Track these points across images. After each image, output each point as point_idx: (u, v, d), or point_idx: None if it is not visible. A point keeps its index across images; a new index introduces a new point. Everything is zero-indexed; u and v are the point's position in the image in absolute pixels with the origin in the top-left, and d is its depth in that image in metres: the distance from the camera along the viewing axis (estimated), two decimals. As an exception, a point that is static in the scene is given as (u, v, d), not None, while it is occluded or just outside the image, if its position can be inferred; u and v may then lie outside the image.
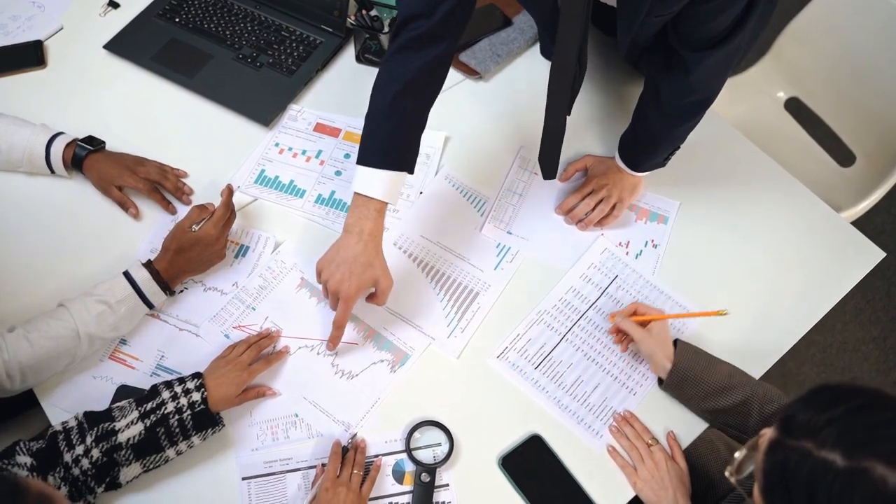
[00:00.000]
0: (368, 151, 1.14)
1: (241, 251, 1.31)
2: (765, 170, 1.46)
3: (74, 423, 1.02)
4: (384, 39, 1.47)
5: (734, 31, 1.07)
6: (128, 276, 1.16)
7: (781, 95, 1.86)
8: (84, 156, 1.32)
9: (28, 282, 1.27)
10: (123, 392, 1.16)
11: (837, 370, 2.16)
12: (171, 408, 1.05)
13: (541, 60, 1.55)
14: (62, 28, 1.56)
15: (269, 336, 1.21)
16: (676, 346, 1.18)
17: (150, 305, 1.18)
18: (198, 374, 1.10)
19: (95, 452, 1.00)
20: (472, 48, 1.54)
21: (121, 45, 1.54)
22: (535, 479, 1.14)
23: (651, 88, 1.26)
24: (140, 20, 1.57)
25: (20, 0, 1.59)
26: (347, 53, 1.56)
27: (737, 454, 0.80)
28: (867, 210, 1.60)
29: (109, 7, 1.60)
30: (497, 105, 1.50)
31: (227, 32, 1.55)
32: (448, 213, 1.37)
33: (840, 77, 1.73)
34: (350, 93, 1.51)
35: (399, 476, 1.14)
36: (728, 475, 0.81)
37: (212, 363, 1.14)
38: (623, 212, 1.37)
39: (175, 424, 1.04)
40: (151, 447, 1.03)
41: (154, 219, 1.34)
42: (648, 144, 1.31)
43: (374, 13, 1.44)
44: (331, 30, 1.55)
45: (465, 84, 1.53)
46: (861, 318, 2.22)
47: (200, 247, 1.19)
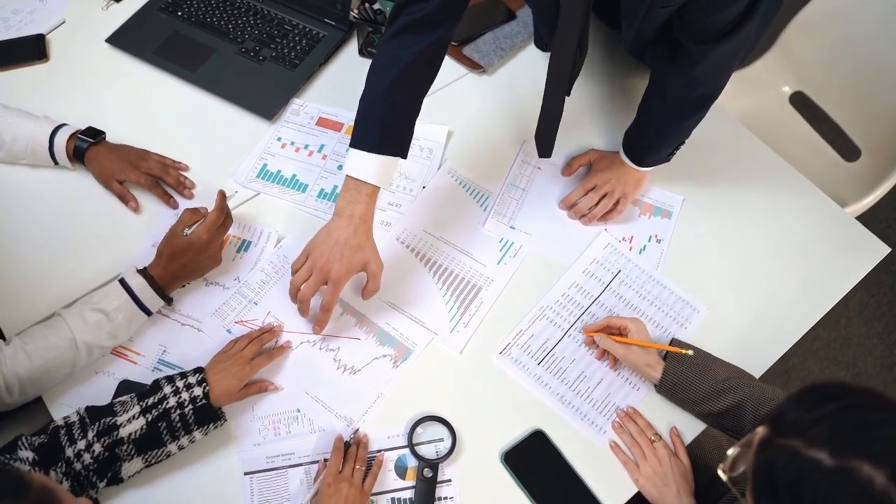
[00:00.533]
0: (362, 135, 1.12)
1: (244, 246, 1.31)
2: (769, 164, 1.46)
3: (76, 418, 1.02)
4: (387, 33, 1.46)
5: (740, 24, 1.06)
6: (123, 284, 1.15)
7: (786, 90, 1.85)
8: (85, 148, 1.31)
9: (32, 274, 1.27)
10: (125, 387, 1.16)
11: (841, 365, 2.16)
12: (173, 402, 1.05)
13: (544, 54, 1.54)
14: (64, 22, 1.56)
15: (271, 331, 1.21)
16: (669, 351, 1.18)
17: (148, 312, 1.17)
18: (199, 369, 1.10)
19: (97, 447, 1.00)
20: (476, 42, 1.53)
21: (123, 39, 1.53)
22: (538, 475, 1.14)
23: (656, 82, 1.26)
24: (142, 14, 1.57)
25: (22, -6, 1.59)
26: (350, 47, 1.55)
27: (730, 451, 0.79)
28: (872, 205, 1.60)
29: (111, 1, 1.59)
30: (500, 99, 1.50)
31: (230, 26, 1.54)
32: (451, 208, 1.37)
33: (845, 71, 1.72)
34: (353, 87, 1.49)
35: (401, 471, 1.13)
36: (721, 473, 0.81)
37: (213, 358, 1.14)
38: (627, 207, 1.36)
39: (177, 419, 1.04)
40: (153, 442, 1.03)
41: (157, 212, 1.34)
42: (653, 139, 1.31)
43: (377, 6, 1.44)
44: (334, 23, 1.55)
45: (469, 78, 1.52)
46: (865, 314, 2.22)
47: (192, 252, 1.17)
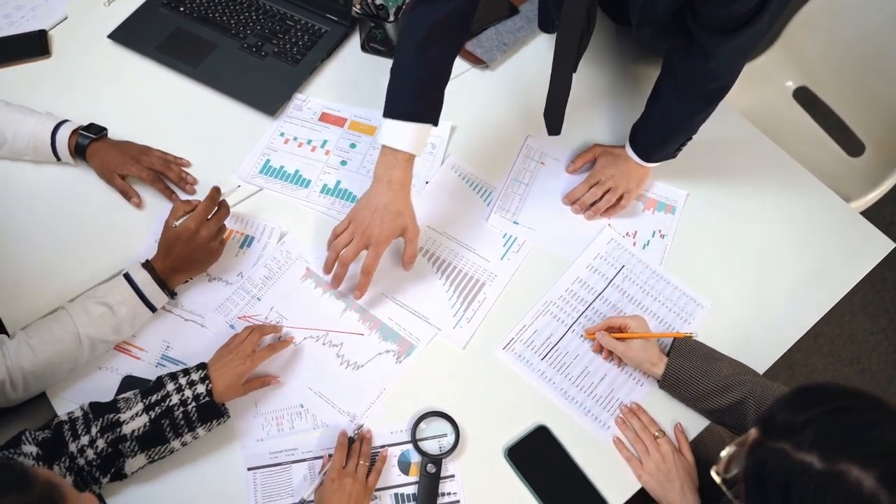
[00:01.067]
0: (394, 104, 1.15)
1: (246, 241, 1.31)
2: (773, 159, 1.45)
3: (80, 414, 1.02)
4: (390, 28, 1.46)
5: (756, 15, 1.05)
6: (127, 278, 1.15)
7: (790, 85, 1.85)
8: (87, 144, 1.31)
9: (35, 270, 1.27)
10: (129, 383, 1.16)
11: (845, 362, 2.15)
12: (176, 400, 1.04)
13: (547, 49, 1.53)
14: (66, 18, 1.56)
15: (273, 327, 1.21)
16: (673, 345, 1.18)
17: (152, 308, 1.17)
18: (202, 365, 1.10)
19: (101, 443, 1.00)
20: (479, 37, 1.52)
21: (125, 35, 1.53)
22: (542, 471, 1.13)
23: (669, 75, 1.25)
24: (144, 9, 1.56)
25: (24, -11, 1.58)
26: (353, 42, 1.55)
27: (723, 453, 0.79)
28: (876, 200, 1.59)
29: (114, -4, 1.59)
30: (503, 94, 1.49)
31: (232, 22, 1.54)
32: (454, 203, 1.37)
33: (850, 66, 1.72)
34: (355, 82, 1.50)
35: (405, 467, 1.13)
36: (714, 475, 0.80)
37: (216, 353, 1.13)
38: (630, 203, 1.36)
39: (180, 417, 1.04)
40: (156, 439, 1.03)
41: (160, 208, 1.33)
42: (663, 133, 1.30)
43: (380, 2, 1.43)
44: (336, 19, 1.54)
45: (471, 73, 1.52)
46: (869, 309, 2.21)
47: (181, 243, 1.16)
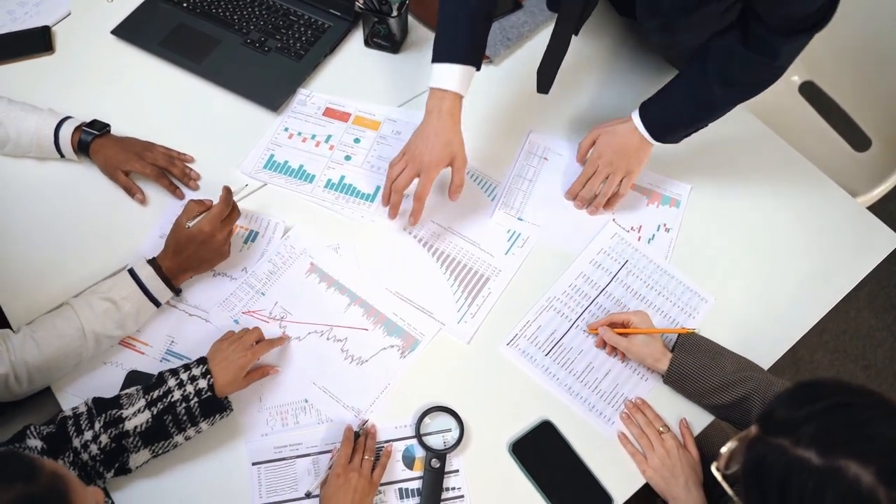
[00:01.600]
0: (441, 50, 1.23)
1: (251, 237, 1.31)
2: (779, 154, 1.44)
3: (84, 409, 1.03)
4: (393, 23, 1.46)
5: (823, 18, 1.06)
6: (132, 273, 1.15)
7: (796, 79, 1.84)
8: (90, 140, 1.31)
9: (40, 266, 1.27)
10: (133, 377, 1.16)
11: (850, 357, 2.14)
12: (178, 396, 1.04)
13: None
14: (70, 14, 1.56)
15: (280, 340, 1.20)
16: (678, 341, 1.18)
17: (157, 303, 1.17)
18: (203, 360, 1.10)
19: (104, 438, 1.00)
20: (482, 32, 1.52)
21: (128, 31, 1.53)
22: (546, 466, 1.13)
23: (711, 61, 1.21)
24: (147, 5, 1.56)
25: (28, -14, 1.59)
26: (356, 38, 1.54)
27: (723, 449, 0.79)
28: (883, 195, 1.59)
29: (117, -8, 1.59)
30: (507, 89, 1.49)
31: (235, 17, 1.54)
32: (459, 199, 1.36)
33: (856, 60, 1.71)
34: (359, 77, 1.50)
35: (409, 462, 1.13)
36: (714, 471, 0.80)
37: (214, 346, 1.13)
38: (631, 184, 1.33)
39: (182, 412, 1.04)
40: (159, 434, 1.03)
41: (164, 204, 1.34)
42: (684, 115, 1.27)
43: (383, -4, 1.43)
44: (339, 14, 1.54)
45: (475, 68, 1.51)
46: (875, 305, 2.20)
47: (195, 244, 1.17)
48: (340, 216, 1.34)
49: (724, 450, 0.79)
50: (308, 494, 1.09)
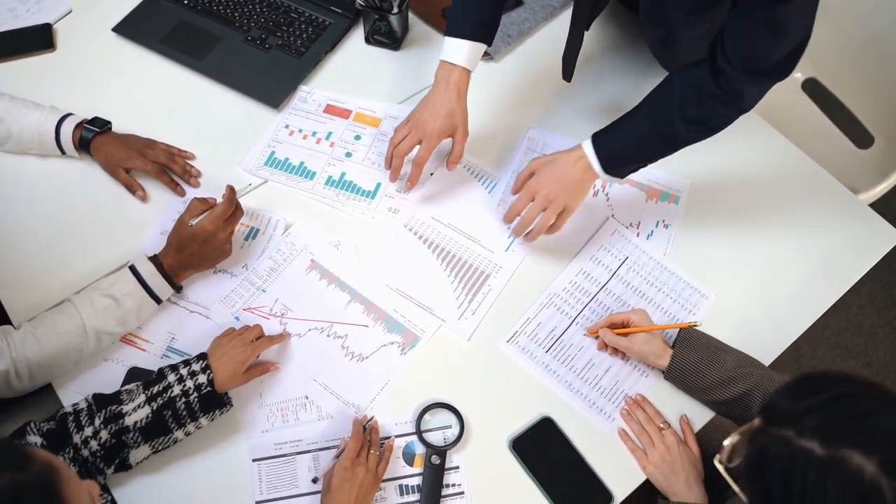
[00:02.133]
0: (455, 24, 1.26)
1: (251, 233, 1.31)
2: (780, 150, 1.44)
3: (84, 406, 1.03)
4: (394, 20, 1.46)
5: (793, 55, 1.05)
6: (133, 270, 1.16)
7: (798, 76, 1.83)
8: (91, 138, 1.31)
9: (41, 263, 1.27)
10: (135, 374, 1.16)
11: (852, 354, 2.14)
12: (178, 391, 1.05)
13: (550, 41, 1.53)
14: (71, 11, 1.56)
15: (281, 336, 1.21)
16: (678, 337, 1.18)
17: (158, 300, 1.18)
18: (203, 355, 1.10)
19: (104, 434, 1.00)
20: (483, 28, 1.52)
21: (129, 28, 1.53)
22: (546, 462, 1.13)
23: (676, 96, 1.15)
24: (149, 3, 1.56)
25: (29, -17, 1.59)
26: (357, 35, 1.54)
27: (726, 441, 0.79)
28: (885, 192, 1.58)
29: (118, -11, 1.59)
30: (507, 86, 1.49)
31: (236, 14, 1.54)
32: (459, 195, 1.37)
33: (859, 57, 1.71)
34: (360, 74, 1.50)
35: (409, 458, 1.13)
36: (717, 463, 0.80)
37: (214, 342, 1.13)
38: (567, 220, 1.25)
39: (182, 407, 1.04)
40: (159, 430, 1.04)
41: (165, 201, 1.34)
42: (640, 149, 1.21)
43: (384, -7, 1.43)
44: (340, 11, 1.54)
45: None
46: (876, 302, 2.20)
47: (197, 242, 1.17)
48: (341, 213, 1.34)
49: (727, 443, 0.79)
50: (315, 480, 1.09)
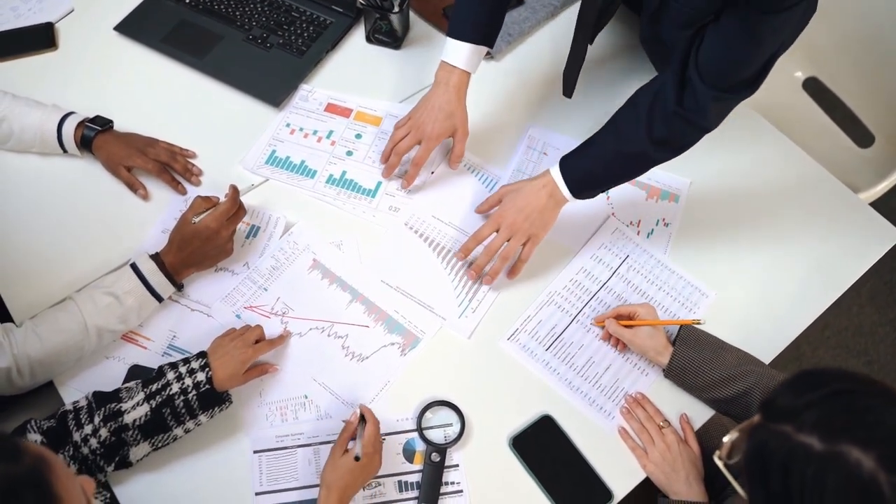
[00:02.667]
0: (456, 26, 1.27)
1: (252, 232, 1.31)
2: (781, 149, 1.44)
3: (84, 403, 1.03)
4: (395, 19, 1.46)
5: (764, 69, 1.07)
6: (134, 268, 1.16)
7: (799, 75, 1.83)
8: (93, 136, 1.32)
9: (43, 261, 1.28)
10: (136, 372, 1.17)
11: (853, 353, 2.14)
12: (177, 389, 1.05)
13: (551, 40, 1.53)
14: (73, 10, 1.56)
15: (281, 339, 1.21)
16: (679, 335, 1.18)
17: (159, 298, 1.18)
18: (202, 354, 1.10)
19: (104, 432, 1.00)
20: (484, 28, 1.52)
21: (131, 27, 1.53)
22: (546, 460, 1.14)
23: (643, 117, 1.15)
24: (150, 2, 1.57)
25: (32, -18, 1.59)
26: (358, 34, 1.55)
27: (726, 438, 0.79)
28: (886, 191, 1.58)
29: (120, -12, 1.60)
30: (508, 85, 1.49)
31: (237, 13, 1.54)
32: (459, 194, 1.37)
33: (860, 56, 1.70)
34: (361, 73, 1.50)
35: (409, 455, 1.14)
36: (717, 460, 0.80)
37: (215, 341, 1.14)
38: (533, 251, 1.24)
39: (181, 405, 1.05)
40: (159, 427, 1.04)
41: (166, 200, 1.34)
42: (608, 170, 1.20)
43: (385, -8, 1.43)
44: (341, 10, 1.54)
45: (477, 64, 1.51)
46: (877, 301, 2.20)
47: (199, 240, 1.18)
48: (342, 211, 1.34)
49: (727, 439, 0.79)
50: (357, 458, 1.04)
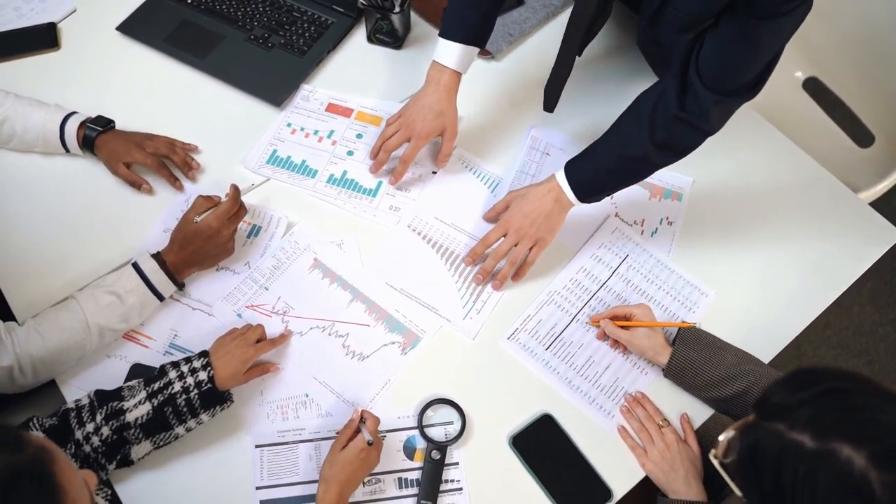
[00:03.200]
0: (448, 26, 1.27)
1: (253, 231, 1.32)
2: (781, 149, 1.44)
3: (86, 402, 1.04)
4: (395, 19, 1.46)
5: (761, 76, 1.07)
6: (136, 267, 1.16)
7: (799, 75, 1.83)
8: (94, 136, 1.32)
9: (45, 260, 1.28)
10: (137, 370, 1.17)
11: (853, 353, 2.14)
12: (178, 387, 1.05)
13: (552, 40, 1.52)
14: (75, 10, 1.56)
15: (282, 338, 1.22)
16: (678, 335, 1.18)
17: (160, 297, 1.18)
18: (204, 353, 1.11)
19: (105, 430, 1.01)
20: (485, 28, 1.52)
21: (133, 27, 1.54)
22: (546, 459, 1.14)
23: (653, 121, 1.14)
24: (152, 2, 1.57)
25: (34, -18, 1.60)
26: (359, 34, 1.55)
27: (721, 437, 0.79)
28: (886, 191, 1.58)
29: (122, -12, 1.60)
30: (509, 85, 1.49)
31: (239, 13, 1.55)
32: (462, 195, 1.37)
33: (860, 56, 1.70)
34: (362, 73, 1.50)
35: (410, 452, 1.14)
36: (712, 458, 0.81)
37: (217, 340, 1.14)
38: (540, 254, 1.25)
39: (182, 404, 1.05)
40: (160, 426, 1.04)
41: (168, 199, 1.34)
42: (613, 175, 1.21)
43: (386, -8, 1.44)
44: (342, 10, 1.55)
45: (477, 64, 1.51)
46: (878, 301, 2.20)
47: (201, 239, 1.18)
48: (343, 211, 1.34)
49: (722, 438, 0.79)
50: (370, 443, 1.05)
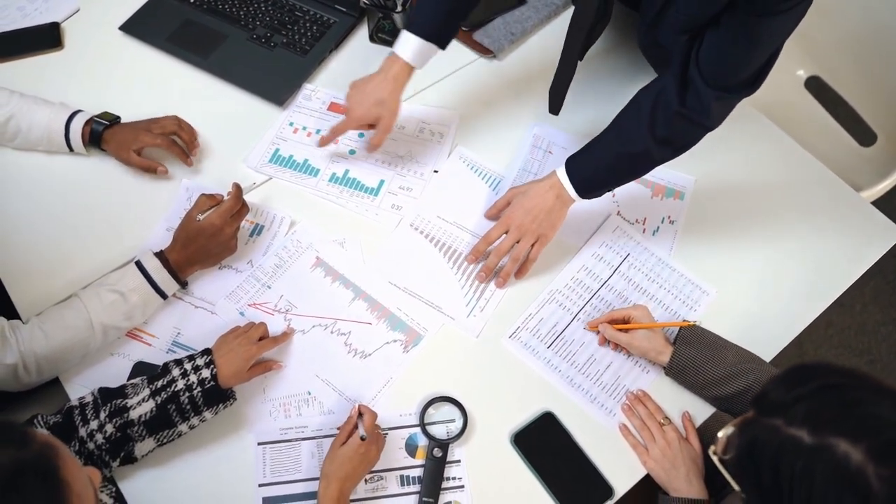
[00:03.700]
0: (412, 20, 1.27)
1: (256, 230, 1.32)
2: (783, 148, 1.45)
3: (90, 399, 1.04)
4: (398, 18, 1.47)
5: (763, 70, 1.08)
6: (139, 266, 1.17)
7: (801, 74, 1.83)
8: (102, 130, 1.32)
9: (49, 259, 1.28)
10: (140, 368, 1.17)
11: (856, 352, 2.14)
12: (182, 385, 1.06)
13: (554, 38, 1.53)
14: (79, 10, 1.57)
15: (284, 336, 1.22)
16: (679, 334, 1.19)
17: (163, 295, 1.19)
18: (207, 351, 1.11)
19: (109, 427, 1.01)
20: (486, 27, 1.53)
21: (136, 27, 1.54)
22: (547, 457, 1.14)
23: (646, 117, 1.16)
24: (155, 1, 1.58)
25: (38, -18, 1.60)
26: (361, 33, 1.55)
27: (720, 433, 0.80)
28: (888, 189, 1.58)
29: (125, -12, 1.60)
30: (511, 84, 1.50)
31: (242, 13, 1.55)
32: (463, 193, 1.37)
33: (862, 55, 1.70)
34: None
35: (412, 450, 1.14)
36: (712, 455, 0.81)
37: (220, 338, 1.15)
38: (542, 250, 1.26)
39: (186, 401, 1.05)
40: (164, 423, 1.05)
41: (170, 199, 1.35)
42: (613, 170, 1.22)
43: (388, -8, 1.44)
44: (344, 9, 1.55)
45: (479, 63, 1.52)
46: (880, 300, 2.20)
47: (204, 237, 1.19)
48: (345, 210, 1.35)
49: (721, 434, 0.80)
50: (363, 438, 1.07)
